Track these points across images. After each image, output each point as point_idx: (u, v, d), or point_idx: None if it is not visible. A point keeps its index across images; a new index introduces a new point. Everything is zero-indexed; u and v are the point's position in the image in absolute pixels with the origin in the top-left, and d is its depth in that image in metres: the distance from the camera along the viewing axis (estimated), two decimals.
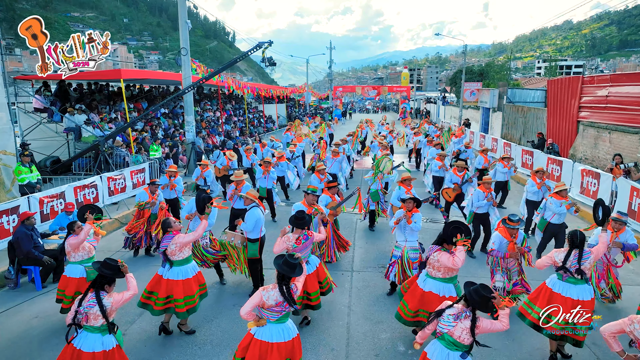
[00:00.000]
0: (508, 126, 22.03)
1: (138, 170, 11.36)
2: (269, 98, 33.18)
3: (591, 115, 13.91)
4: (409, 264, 5.91)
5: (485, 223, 7.89)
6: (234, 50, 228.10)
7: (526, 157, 15.29)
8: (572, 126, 14.96)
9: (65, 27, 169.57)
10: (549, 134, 16.74)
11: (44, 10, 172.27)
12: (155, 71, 27.51)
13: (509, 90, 23.87)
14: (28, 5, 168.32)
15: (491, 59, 44.87)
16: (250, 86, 25.82)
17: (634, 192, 8.82)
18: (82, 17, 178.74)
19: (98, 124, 14.63)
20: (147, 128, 16.52)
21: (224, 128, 22.47)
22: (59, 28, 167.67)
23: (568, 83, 15.42)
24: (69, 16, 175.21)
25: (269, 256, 6.02)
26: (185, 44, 14.77)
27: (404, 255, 5.98)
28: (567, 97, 15.27)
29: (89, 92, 16.96)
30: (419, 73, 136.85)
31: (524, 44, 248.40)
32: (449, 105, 37.91)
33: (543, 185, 8.41)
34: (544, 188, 8.40)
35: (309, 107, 48.62)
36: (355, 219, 10.23)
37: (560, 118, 15.94)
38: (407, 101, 52.29)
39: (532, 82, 42.00)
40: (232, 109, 28.79)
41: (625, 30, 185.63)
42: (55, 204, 8.28)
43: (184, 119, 15.86)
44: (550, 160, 13.11)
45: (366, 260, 7.81)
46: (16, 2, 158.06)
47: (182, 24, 14.69)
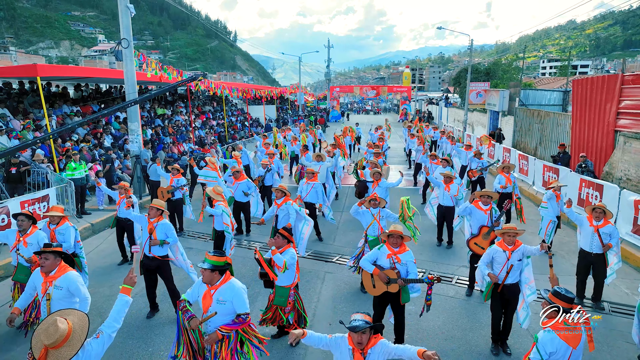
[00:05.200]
0: (521, 133, 19.06)
1: (36, 199, 8.44)
2: (256, 99, 30.33)
3: (635, 124, 10.95)
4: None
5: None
6: (235, 50, 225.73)
7: (548, 175, 12.36)
8: (608, 137, 12.00)
9: (66, 26, 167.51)
10: (573, 144, 13.77)
11: (44, 9, 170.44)
12: (89, 67, 24.26)
13: (521, 91, 20.90)
14: (29, 5, 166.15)
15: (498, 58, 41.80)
16: (229, 85, 22.85)
17: None
18: (83, 16, 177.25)
19: (18, 133, 11.81)
20: (88, 137, 13.67)
21: (194, 134, 19.60)
22: (60, 27, 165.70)
23: (601, 83, 12.45)
24: (69, 15, 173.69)
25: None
26: (126, 34, 11.90)
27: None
28: (601, 101, 12.31)
29: (19, 93, 14.09)
30: (421, 73, 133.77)
31: (528, 44, 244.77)
32: (452, 107, 34.88)
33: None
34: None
35: (306, 108, 45.62)
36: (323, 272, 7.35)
37: (589, 126, 12.97)
38: (408, 102, 49.41)
39: (544, 83, 38.99)
40: (211, 111, 25.90)
41: (630, 30, 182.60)
42: None
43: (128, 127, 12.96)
44: (584, 183, 10.19)
45: None
46: (17, 1, 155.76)
47: (122, 9, 11.84)
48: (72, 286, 4.05)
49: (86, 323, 2.91)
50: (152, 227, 5.73)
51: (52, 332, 2.72)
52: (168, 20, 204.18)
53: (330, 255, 8.05)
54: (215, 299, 3.66)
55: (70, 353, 2.76)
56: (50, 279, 4.06)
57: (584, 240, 6.18)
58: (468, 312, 6.01)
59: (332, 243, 8.76)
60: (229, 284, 3.72)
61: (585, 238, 6.16)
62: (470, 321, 5.75)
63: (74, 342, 2.79)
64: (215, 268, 3.67)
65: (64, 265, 4.17)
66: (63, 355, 2.75)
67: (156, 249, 5.69)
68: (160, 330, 5.58)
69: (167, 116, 20.23)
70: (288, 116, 35.47)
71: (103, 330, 3.04)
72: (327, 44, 50.97)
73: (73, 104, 15.45)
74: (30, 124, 12.15)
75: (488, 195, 6.49)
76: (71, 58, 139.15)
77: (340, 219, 10.37)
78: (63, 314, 2.94)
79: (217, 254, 3.75)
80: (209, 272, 3.66)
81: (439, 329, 5.56)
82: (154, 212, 5.83)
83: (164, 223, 5.78)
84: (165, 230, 5.74)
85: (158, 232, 5.71)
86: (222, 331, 3.57)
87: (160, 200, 6.89)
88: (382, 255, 4.82)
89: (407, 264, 4.69)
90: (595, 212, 6.06)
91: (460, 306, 6.18)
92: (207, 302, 3.69)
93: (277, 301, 4.98)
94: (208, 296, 3.70)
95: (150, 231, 5.71)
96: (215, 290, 3.68)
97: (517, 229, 4.97)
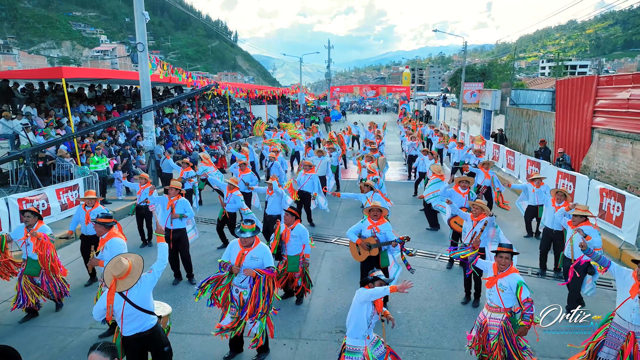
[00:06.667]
0: (511, 131, 20.05)
1: (68, 188, 9.49)
2: (257, 98, 31.32)
3: (609, 122, 11.95)
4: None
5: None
6: (235, 50, 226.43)
7: (531, 169, 13.35)
8: (585, 134, 13.01)
9: (67, 26, 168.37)
10: (557, 141, 14.79)
11: (45, 9, 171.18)
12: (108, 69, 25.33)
13: (512, 91, 21.90)
14: (30, 5, 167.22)
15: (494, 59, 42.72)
16: (233, 86, 23.86)
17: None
18: (84, 16, 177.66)
19: (42, 131, 12.82)
20: (104, 134, 14.68)
21: (201, 132, 20.62)
22: (61, 27, 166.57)
23: (580, 84, 13.46)
24: (70, 15, 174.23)
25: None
26: (142, 39, 12.93)
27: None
28: (580, 100, 13.31)
29: (40, 93, 15.12)
30: (421, 73, 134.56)
31: (528, 44, 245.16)
32: (450, 106, 35.90)
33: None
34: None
35: (307, 108, 46.63)
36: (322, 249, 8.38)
37: (570, 124, 13.99)
38: (407, 102, 50.34)
39: (537, 83, 39.96)
40: (216, 110, 26.92)
41: (630, 30, 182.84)
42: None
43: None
44: (560, 175, 11.19)
45: (323, 322, 5.90)
46: (18, 2, 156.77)
47: (138, 16, 12.85)
48: (113, 247, 5.10)
49: (141, 262, 3.93)
50: (173, 204, 6.88)
51: (118, 267, 3.76)
52: (169, 21, 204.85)
53: (330, 237, 9.10)
54: (248, 257, 4.70)
55: (132, 282, 3.79)
56: (103, 240, 5.19)
57: (548, 218, 7.22)
58: (447, 280, 7.03)
59: (332, 227, 9.81)
60: (260, 245, 4.82)
61: (549, 217, 7.18)
62: (447, 287, 6.77)
63: (134, 274, 3.82)
64: (254, 234, 4.73)
65: (112, 231, 5.24)
66: (127, 283, 3.78)
67: (176, 221, 6.82)
68: (185, 292, 6.61)
69: (174, 115, 21.24)
70: (289, 116, 36.48)
71: (153, 268, 4.06)
72: (328, 44, 51.99)
73: (88, 103, 16.47)
74: (53, 122, 13.17)
75: (466, 181, 7.54)
76: (73, 58, 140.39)
77: (339, 207, 11.40)
78: (125, 255, 3.97)
79: (249, 223, 4.79)
80: (250, 238, 4.71)
81: (420, 293, 6.57)
82: (173, 191, 7.01)
83: (182, 200, 6.96)
84: (184, 206, 6.90)
85: (177, 207, 6.87)
86: (257, 272, 4.61)
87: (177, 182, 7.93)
88: (364, 227, 5.88)
89: (386, 233, 5.73)
90: (558, 195, 7.07)
91: (440, 276, 7.20)
92: (241, 260, 4.71)
93: (290, 268, 5.98)
94: (242, 256, 4.72)
95: (171, 207, 6.80)
96: (249, 250, 4.73)
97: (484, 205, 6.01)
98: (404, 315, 5.92)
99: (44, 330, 5.62)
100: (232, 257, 4.77)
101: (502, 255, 4.40)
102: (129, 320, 3.80)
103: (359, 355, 3.87)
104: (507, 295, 4.32)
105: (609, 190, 8.82)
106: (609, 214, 8.75)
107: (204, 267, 7.49)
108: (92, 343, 4.99)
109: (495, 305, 4.39)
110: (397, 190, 13.30)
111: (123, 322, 3.80)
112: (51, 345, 5.26)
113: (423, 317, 5.90)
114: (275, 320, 5.74)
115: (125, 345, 3.94)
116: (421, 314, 5.96)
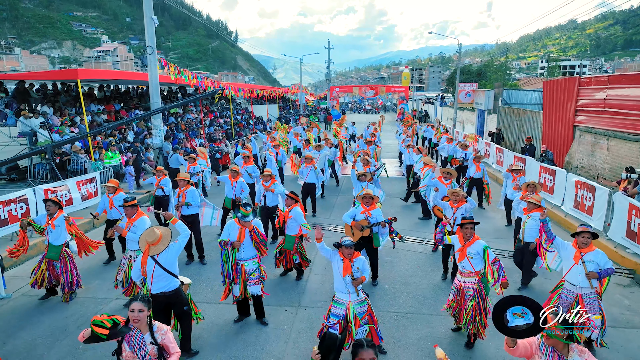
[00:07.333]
0: (503, 129, 20.86)
1: (87, 180, 10.33)
2: (259, 98, 32.15)
3: (588, 120, 12.78)
4: (355, 321, 4.74)
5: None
6: (236, 50, 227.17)
7: (518, 165, 14.15)
8: (569, 131, 13.83)
9: (68, 26, 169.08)
10: (544, 139, 15.60)
11: (46, 9, 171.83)
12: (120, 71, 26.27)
13: (504, 91, 22.72)
14: (31, 5, 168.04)
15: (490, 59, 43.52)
16: (235, 86, 24.69)
17: (633, 210, 7.72)
18: (85, 16, 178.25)
19: (57, 129, 13.65)
20: (115, 132, 15.51)
21: (205, 131, 21.45)
22: (62, 27, 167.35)
23: (564, 84, 14.28)
24: (71, 15, 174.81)
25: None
26: (151, 42, 13.77)
27: (349, 314, 4.76)
28: (563, 100, 14.14)
29: (53, 93, 15.95)
30: (421, 73, 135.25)
31: (528, 44, 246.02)
32: (447, 106, 36.70)
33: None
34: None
35: (307, 108, 47.43)
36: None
37: (556, 122, 14.81)
38: (406, 102, 51.13)
39: (532, 83, 40.75)
40: (219, 110, 27.76)
41: (630, 30, 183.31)
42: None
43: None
44: (542, 169, 12.01)
45: (319, 293, 6.73)
46: (19, 1, 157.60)
47: (147, 20, 13.69)
48: (141, 224, 5.95)
49: (170, 233, 4.76)
50: (183, 193, 7.77)
51: (151, 235, 4.60)
52: (169, 21, 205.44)
53: (327, 225, 9.92)
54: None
55: (162, 247, 4.64)
56: (131, 220, 6.03)
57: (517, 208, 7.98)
58: (431, 261, 7.85)
59: (329, 217, 10.66)
60: (256, 222, 5.67)
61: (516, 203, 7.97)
62: (431, 266, 7.60)
63: (164, 241, 4.66)
64: (254, 217, 5.66)
65: (140, 212, 6.11)
66: (158, 249, 4.63)
67: (184, 209, 7.72)
68: (197, 270, 7.44)
69: (179, 114, 22.07)
70: (290, 115, 37.30)
71: (179, 239, 4.90)
72: (328, 44, 52.76)
73: (98, 102, 17.30)
74: (68, 120, 14.00)
75: (449, 172, 8.36)
76: (74, 58, 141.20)
77: (337, 199, 12.25)
78: (157, 227, 4.80)
79: (248, 207, 5.60)
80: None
81: (406, 271, 7.40)
82: (183, 182, 7.91)
83: (191, 190, 7.88)
84: (192, 195, 7.79)
85: (188, 196, 7.76)
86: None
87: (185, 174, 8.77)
88: (358, 212, 6.73)
89: (377, 217, 6.55)
90: (529, 188, 7.68)
91: (425, 258, 8.03)
92: (242, 237, 5.51)
93: (286, 245, 6.83)
94: (242, 233, 5.53)
95: (180, 196, 7.74)
96: (250, 229, 5.56)
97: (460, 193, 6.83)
98: (390, 288, 6.76)
99: (75, 300, 6.43)
100: (231, 235, 5.57)
101: (466, 227, 5.21)
102: (157, 280, 4.64)
103: (342, 306, 4.79)
104: (476, 261, 5.14)
105: (582, 182, 9.65)
106: (582, 204, 9.58)
107: (214, 250, 8.32)
108: (120, 310, 5.90)
109: (467, 271, 5.20)
110: (391, 185, 14.12)
111: (152, 281, 4.63)
112: (84, 312, 6.08)
113: (407, 289, 6.74)
114: (277, 291, 6.63)
115: (153, 301, 4.76)
116: (405, 287, 6.80)
